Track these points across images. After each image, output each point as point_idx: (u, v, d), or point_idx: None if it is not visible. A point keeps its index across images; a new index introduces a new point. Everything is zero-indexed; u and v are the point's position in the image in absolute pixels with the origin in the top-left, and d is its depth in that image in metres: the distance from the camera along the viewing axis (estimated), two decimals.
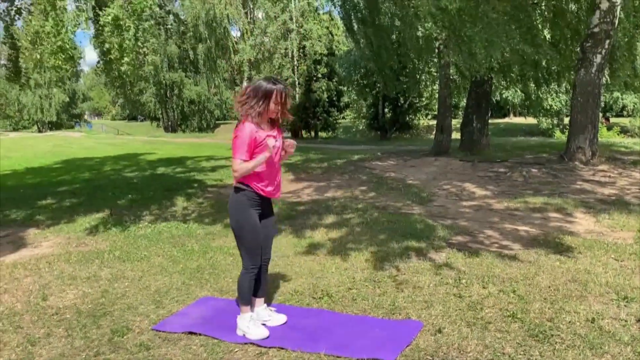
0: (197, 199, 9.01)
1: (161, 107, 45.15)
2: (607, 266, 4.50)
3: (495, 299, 3.81)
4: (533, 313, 3.54)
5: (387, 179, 9.88)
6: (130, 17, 5.47)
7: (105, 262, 5.23)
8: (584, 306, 3.64)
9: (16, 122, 52.17)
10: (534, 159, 11.04)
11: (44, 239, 6.44)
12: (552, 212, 6.73)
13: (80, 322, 3.72)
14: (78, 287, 4.50)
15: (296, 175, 11.51)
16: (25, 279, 4.78)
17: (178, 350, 3.22)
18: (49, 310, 3.98)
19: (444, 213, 7.02)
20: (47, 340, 3.46)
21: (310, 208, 7.73)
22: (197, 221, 7.19)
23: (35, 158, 19.34)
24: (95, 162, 17.10)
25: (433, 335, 3.26)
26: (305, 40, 28.74)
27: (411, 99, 27.24)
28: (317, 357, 3.03)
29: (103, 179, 12.32)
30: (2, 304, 4.16)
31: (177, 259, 5.24)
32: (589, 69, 9.81)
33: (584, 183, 8.49)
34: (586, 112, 9.87)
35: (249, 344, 3.25)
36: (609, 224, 6.11)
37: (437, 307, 3.70)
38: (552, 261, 4.68)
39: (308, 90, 29.14)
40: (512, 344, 3.11)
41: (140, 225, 6.95)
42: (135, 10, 5.48)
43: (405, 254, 5.03)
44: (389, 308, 3.73)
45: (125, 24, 5.47)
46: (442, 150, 13.31)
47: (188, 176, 12.11)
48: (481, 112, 13.77)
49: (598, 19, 9.63)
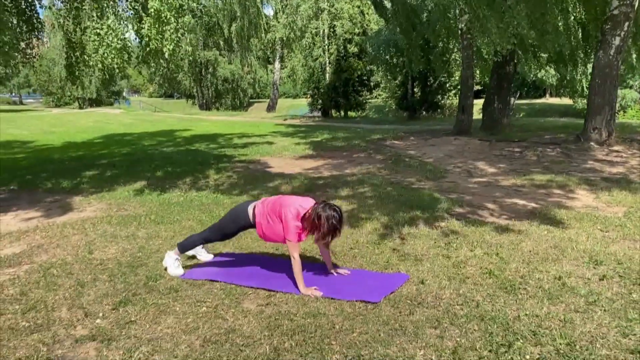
0: (227, 172, 9.67)
1: (196, 85, 46.14)
2: (590, 236, 4.94)
3: (478, 259, 4.33)
4: (508, 271, 4.04)
5: (405, 157, 10.36)
6: (170, 10, 5.98)
7: (142, 224, 5.93)
8: (556, 267, 4.12)
9: (58, 98, 53.98)
10: (551, 139, 11.31)
11: (88, 205, 7.20)
12: (555, 189, 7.13)
13: (120, 270, 4.40)
14: (118, 243, 5.20)
15: (321, 152, 12.08)
16: (74, 237, 5.50)
17: (201, 292, 3.85)
18: (94, 261, 4.67)
19: (453, 188, 7.49)
20: (93, 283, 4.14)
21: (329, 182, 8.29)
22: (225, 192, 7.83)
23: (77, 133, 20.39)
24: (134, 138, 18.02)
25: (416, 285, 3.81)
26: (336, 20, 28.97)
27: (440, 79, 27.31)
28: (315, 299, 3.62)
29: (141, 153, 13.16)
30: (55, 256, 4.87)
31: (205, 222, 5.89)
32: (607, 50, 10.00)
33: (595, 163, 8.79)
34: (603, 94, 10.08)
35: (260, 289, 3.86)
36: (607, 200, 6.48)
37: (425, 264, 4.24)
38: (540, 230, 5.14)
39: (338, 70, 29.44)
40: (482, 294, 3.64)
41: (174, 194, 7.65)
42: (173, 6, 5.99)
43: (408, 222, 5.56)
44: (383, 264, 4.30)
45: (166, 16, 5.98)
46: (463, 130, 13.64)
47: (220, 152, 12.83)
48: (502, 93, 14.00)
49: (618, 1, 9.78)
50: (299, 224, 3.81)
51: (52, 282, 4.14)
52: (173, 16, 6.11)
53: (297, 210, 3.83)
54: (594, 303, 3.42)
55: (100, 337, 3.18)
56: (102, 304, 3.68)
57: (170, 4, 6.04)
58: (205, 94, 46.49)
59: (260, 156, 11.84)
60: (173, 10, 6.11)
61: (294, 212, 3.81)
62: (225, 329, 3.23)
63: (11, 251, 5.06)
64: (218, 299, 3.72)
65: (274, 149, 12.94)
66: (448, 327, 3.16)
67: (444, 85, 28.27)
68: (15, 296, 3.87)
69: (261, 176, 9.10)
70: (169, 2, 6.03)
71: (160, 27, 6.07)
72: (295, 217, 3.80)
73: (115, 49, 6.89)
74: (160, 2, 5.98)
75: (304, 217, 3.81)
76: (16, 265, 4.62)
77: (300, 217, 3.81)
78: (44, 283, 4.11)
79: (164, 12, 6.03)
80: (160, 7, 5.96)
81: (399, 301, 3.54)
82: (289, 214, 3.80)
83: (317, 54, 29.86)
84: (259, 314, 3.43)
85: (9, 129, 22.24)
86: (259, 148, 13.24)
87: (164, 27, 6.11)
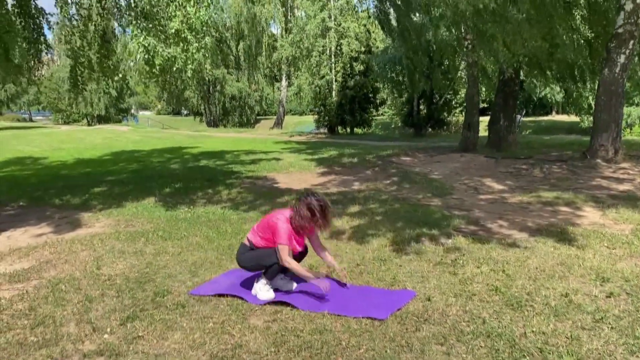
0: (235, 188, 9.73)
1: (204, 102, 46.52)
2: (597, 253, 4.92)
3: (485, 276, 4.33)
4: (515, 288, 4.04)
5: (412, 174, 10.39)
6: (190, 31, 6.13)
7: (149, 240, 5.97)
8: (563, 284, 4.11)
9: (67, 115, 54.56)
10: (557, 156, 11.31)
11: (96, 221, 7.26)
12: (562, 206, 7.12)
13: (128, 286, 4.43)
14: (126, 259, 5.23)
15: (328, 168, 12.13)
16: (82, 252, 5.55)
17: (208, 308, 3.87)
18: (102, 277, 4.70)
19: (460, 205, 7.50)
20: (101, 298, 4.17)
21: (337, 199, 8.31)
22: (232, 208, 7.87)
23: (86, 150, 20.57)
24: (142, 155, 18.16)
25: (423, 302, 3.82)
26: (343, 38, 29.23)
27: (446, 96, 27.44)
28: (322, 316, 3.63)
29: (149, 169, 13.26)
30: (63, 272, 4.91)
31: (212, 238, 5.93)
32: (613, 68, 10.04)
33: (602, 180, 8.78)
34: (609, 111, 10.11)
35: (266, 305, 3.88)
36: (614, 217, 6.46)
37: (431, 281, 4.25)
38: (547, 247, 5.13)
39: (344, 87, 29.63)
40: (489, 311, 3.64)
41: (182, 210, 7.70)
42: (192, 26, 6.13)
43: (415, 239, 5.57)
44: (390, 281, 4.31)
45: (187, 36, 6.12)
46: (469, 146, 13.67)
47: (228, 168, 12.92)
48: (508, 110, 14.05)
49: (622, 20, 9.86)
50: (289, 226, 4.03)
51: (61, 297, 4.18)
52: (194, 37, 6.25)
53: (285, 216, 4.08)
54: (601, 320, 3.41)
55: (108, 352, 3.20)
56: (110, 319, 3.70)
57: (190, 24, 6.17)
58: (213, 111, 46.81)
59: (267, 172, 11.90)
60: (194, 31, 6.24)
61: (283, 218, 4.08)
62: (232, 344, 3.25)
63: (20, 266, 5.11)
64: (225, 314, 3.74)
65: (281, 165, 13.00)
66: (454, 344, 3.16)
67: (449, 102, 28.39)
68: (24, 311, 3.91)
69: (269, 192, 9.15)
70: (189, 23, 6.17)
71: (185, 46, 6.21)
72: (285, 221, 4.04)
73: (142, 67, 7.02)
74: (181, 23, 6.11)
75: (292, 218, 4.03)
76: (25, 281, 4.67)
77: (289, 220, 4.04)
78: (53, 298, 4.15)
79: (184, 32, 6.16)
80: (180, 27, 6.09)
81: (406, 318, 3.54)
82: (279, 220, 4.05)
83: (324, 72, 30.07)
84: (265, 330, 3.45)
85: (19, 145, 22.49)
86: (266, 164, 13.32)
87: (187, 47, 6.24)
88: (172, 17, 6.04)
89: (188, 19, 6.11)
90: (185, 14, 6.18)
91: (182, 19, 6.09)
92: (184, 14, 6.18)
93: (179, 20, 6.09)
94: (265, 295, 4.02)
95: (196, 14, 6.23)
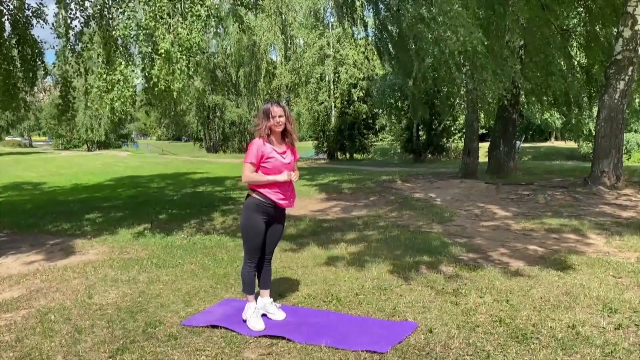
0: (232, 214, 9.60)
1: (204, 128, 46.69)
2: (603, 282, 4.78)
3: (488, 306, 4.18)
4: (519, 319, 3.89)
5: (412, 200, 10.28)
6: (181, 51, 6.08)
7: (143, 267, 5.83)
8: (569, 315, 3.96)
9: (67, 141, 54.75)
10: (558, 183, 11.22)
11: (90, 248, 7.12)
12: (565, 233, 6.99)
13: (119, 316, 4.28)
14: (119, 288, 5.09)
15: (327, 194, 12.03)
16: (74, 280, 5.41)
17: (201, 340, 3.72)
18: (93, 306, 4.56)
19: (461, 232, 7.37)
20: (91, 329, 4.01)
21: (335, 225, 8.20)
22: (229, 234, 7.74)
23: (85, 175, 20.52)
24: (140, 180, 18.07)
25: (424, 334, 3.67)
26: (341, 65, 29.46)
27: (445, 122, 27.50)
28: (319, 349, 3.48)
29: (146, 195, 13.14)
30: (54, 301, 4.76)
31: (207, 266, 5.79)
32: (612, 94, 10.02)
33: (604, 206, 8.67)
34: (610, 137, 10.06)
35: (262, 337, 3.73)
36: (619, 244, 6.33)
37: (433, 311, 4.10)
38: (551, 276, 4.99)
39: (343, 113, 29.73)
40: (493, 343, 3.49)
41: (177, 237, 7.56)
42: (184, 47, 6.09)
43: (415, 267, 5.43)
44: (390, 311, 4.16)
45: (177, 56, 6.06)
46: (469, 172, 13.60)
47: (226, 194, 12.80)
48: (508, 136, 14.04)
49: (621, 47, 9.88)
50: (258, 141, 3.93)
51: (49, 328, 4.03)
52: (184, 55, 6.19)
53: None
54: (610, 354, 3.27)
55: None
56: (98, 352, 3.56)
57: (180, 45, 6.12)
58: (212, 137, 46.97)
59: None
60: (184, 50, 6.19)
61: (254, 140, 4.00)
62: None
63: (10, 295, 4.97)
64: (218, 347, 3.59)
65: None
66: None
67: (449, 128, 28.43)
68: (10, 343, 3.76)
69: None
70: (180, 43, 6.12)
71: (170, 67, 6.14)
72: (254, 142, 3.97)
73: (124, 96, 6.96)
74: (171, 44, 6.05)
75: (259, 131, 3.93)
76: (14, 310, 4.52)
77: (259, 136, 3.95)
78: (41, 329, 4.00)
79: (175, 52, 6.10)
80: (170, 48, 6.04)
81: (407, 351, 3.40)
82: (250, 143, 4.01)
83: (323, 98, 30.22)
84: None
85: (18, 171, 22.43)
86: None
87: (173, 67, 6.17)
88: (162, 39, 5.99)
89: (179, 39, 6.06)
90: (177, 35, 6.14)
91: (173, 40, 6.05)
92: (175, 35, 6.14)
93: (169, 41, 6.04)
94: (256, 324, 3.89)
95: (187, 35, 6.19)
